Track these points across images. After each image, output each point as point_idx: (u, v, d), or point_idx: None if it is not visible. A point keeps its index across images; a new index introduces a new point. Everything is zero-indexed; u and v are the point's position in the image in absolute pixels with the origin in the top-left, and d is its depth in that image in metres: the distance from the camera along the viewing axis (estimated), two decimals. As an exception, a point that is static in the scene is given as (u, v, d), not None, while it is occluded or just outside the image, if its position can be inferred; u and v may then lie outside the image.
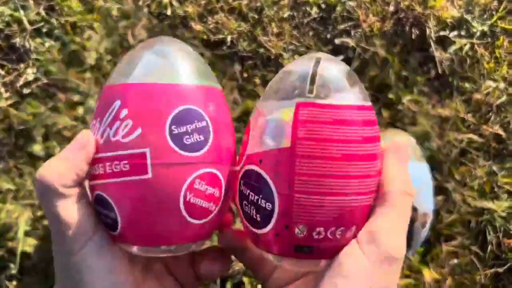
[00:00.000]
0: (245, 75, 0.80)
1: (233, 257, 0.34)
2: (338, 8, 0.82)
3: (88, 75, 0.80)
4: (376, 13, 0.81)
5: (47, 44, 0.81)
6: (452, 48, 0.79)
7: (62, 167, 0.27)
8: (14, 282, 0.72)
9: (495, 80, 0.77)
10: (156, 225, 0.27)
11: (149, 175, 0.27)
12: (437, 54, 0.79)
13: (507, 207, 0.71)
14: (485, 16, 0.81)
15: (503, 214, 0.71)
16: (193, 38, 0.81)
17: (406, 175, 0.29)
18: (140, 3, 0.83)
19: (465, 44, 0.79)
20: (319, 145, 0.27)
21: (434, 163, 0.75)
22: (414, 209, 0.65)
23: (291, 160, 0.27)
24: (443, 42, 0.80)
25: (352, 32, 0.81)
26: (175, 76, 0.29)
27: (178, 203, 0.27)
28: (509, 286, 0.70)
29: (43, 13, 0.82)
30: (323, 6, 0.83)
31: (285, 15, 0.82)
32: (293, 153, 0.27)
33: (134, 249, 0.29)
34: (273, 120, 0.29)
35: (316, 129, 0.27)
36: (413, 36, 0.80)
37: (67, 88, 0.79)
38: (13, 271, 0.72)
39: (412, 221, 0.65)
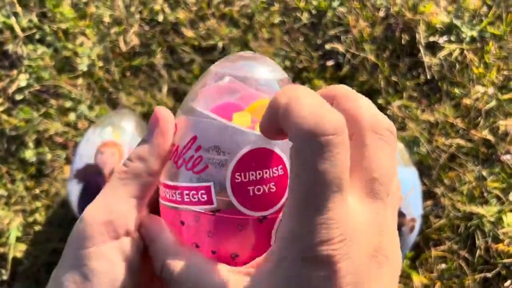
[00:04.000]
0: (236, 80, 0.81)
1: None
2: (329, 14, 0.82)
3: (80, 81, 0.80)
4: (366, 18, 0.82)
5: (39, 51, 0.81)
6: (442, 54, 0.79)
7: (143, 152, 0.27)
8: (6, 288, 0.73)
9: (484, 85, 0.78)
10: None
11: None
12: (427, 59, 0.79)
13: (496, 212, 0.72)
14: (474, 21, 0.81)
15: (492, 219, 0.72)
16: (184, 44, 0.82)
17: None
18: (132, 9, 0.84)
19: (455, 50, 0.79)
20: None
21: (423, 168, 0.75)
22: (402, 214, 0.65)
23: None
24: (432, 48, 0.80)
25: (342, 38, 0.81)
26: None
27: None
28: (498, 291, 0.70)
29: (35, 19, 0.83)
30: (313, 12, 0.83)
31: (276, 21, 0.83)
32: None
33: None
34: None
35: None
36: (403, 42, 0.80)
37: (59, 94, 0.80)
38: (4, 277, 0.72)
39: (400, 226, 0.65)
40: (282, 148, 0.25)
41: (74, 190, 0.68)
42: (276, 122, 0.22)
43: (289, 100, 0.21)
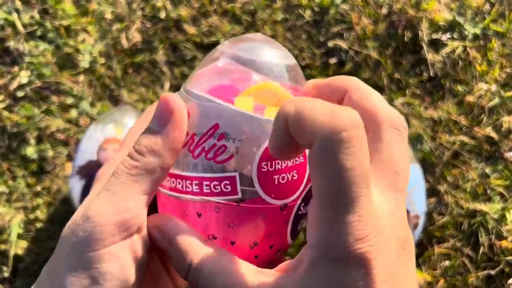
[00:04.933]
0: (238, 77, 0.80)
1: None
2: (331, 11, 0.82)
3: (81, 78, 0.80)
4: (369, 16, 0.82)
5: (41, 47, 0.81)
6: (445, 51, 0.79)
7: (156, 145, 0.25)
8: (7, 285, 0.72)
9: (487, 83, 0.78)
10: None
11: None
12: (430, 56, 0.79)
13: (499, 209, 0.72)
14: (477, 18, 0.81)
15: (495, 216, 0.71)
16: (187, 41, 0.81)
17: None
18: (134, 6, 0.84)
19: (457, 47, 0.79)
20: None
21: (426, 165, 0.75)
22: (406, 211, 0.65)
23: None
24: (435, 45, 0.80)
25: (345, 35, 0.81)
26: None
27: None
28: (501, 288, 0.70)
29: (37, 16, 0.82)
30: (316, 9, 0.83)
31: (279, 18, 0.82)
32: None
33: None
34: None
35: None
36: (406, 39, 0.80)
37: (60, 91, 0.79)
38: (6, 274, 0.72)
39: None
40: None
41: (76, 187, 0.68)
42: (287, 136, 0.21)
43: (297, 107, 0.20)
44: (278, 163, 0.25)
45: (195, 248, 0.24)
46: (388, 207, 0.22)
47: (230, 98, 0.25)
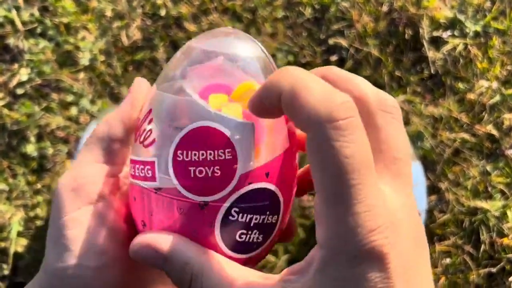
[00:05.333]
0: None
1: None
2: (332, 9, 0.82)
3: (81, 75, 0.80)
4: (370, 13, 0.82)
5: (40, 45, 0.81)
6: (445, 48, 0.79)
7: (110, 116, 0.26)
8: (7, 283, 0.72)
9: (488, 80, 0.78)
10: None
11: None
12: (430, 54, 0.79)
13: (500, 206, 0.72)
14: (478, 16, 0.81)
15: (497, 214, 0.71)
16: (187, 38, 0.81)
17: None
18: (134, 4, 0.83)
19: (458, 44, 0.79)
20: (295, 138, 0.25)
21: (427, 162, 0.75)
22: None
23: (291, 161, 0.24)
24: (436, 42, 0.80)
25: (346, 33, 0.81)
26: None
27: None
28: (502, 286, 0.70)
29: (37, 13, 0.82)
30: (317, 6, 0.83)
31: (279, 16, 0.82)
32: (292, 152, 0.24)
33: None
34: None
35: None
36: (407, 36, 0.80)
37: (60, 88, 0.79)
38: (6, 272, 0.72)
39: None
40: (234, 131, 0.23)
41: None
42: (272, 104, 0.20)
43: (294, 85, 0.20)
44: (195, 154, 0.23)
45: (194, 260, 0.23)
46: (399, 196, 0.21)
47: (206, 96, 0.24)
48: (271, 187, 0.24)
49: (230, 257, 0.24)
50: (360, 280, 0.19)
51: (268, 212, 0.24)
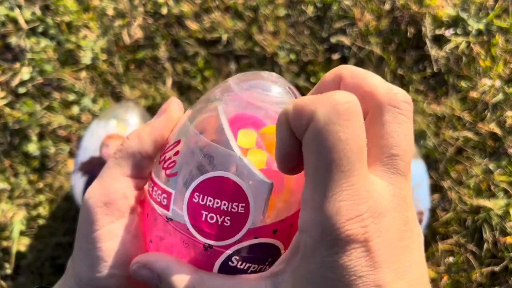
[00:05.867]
0: (241, 74, 0.80)
1: None
2: (334, 7, 0.82)
3: (83, 74, 0.80)
4: (372, 11, 0.81)
5: (42, 44, 0.80)
6: (448, 46, 0.79)
7: (143, 132, 0.27)
8: (9, 282, 0.72)
9: (491, 78, 0.77)
10: None
11: None
12: (433, 52, 0.79)
13: (503, 205, 0.71)
14: (480, 14, 0.81)
15: (499, 213, 0.71)
16: (189, 37, 0.81)
17: None
18: (136, 2, 0.83)
19: (461, 43, 0.79)
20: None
21: (430, 161, 0.75)
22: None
23: (297, 218, 0.24)
24: (439, 41, 0.80)
25: (348, 31, 0.81)
26: None
27: None
28: (505, 284, 0.69)
29: (38, 12, 0.82)
30: (319, 5, 0.82)
31: (281, 14, 0.82)
32: (298, 210, 0.24)
33: None
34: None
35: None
36: (409, 35, 0.80)
37: (62, 87, 0.79)
38: (8, 271, 0.72)
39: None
40: (252, 187, 0.23)
41: (78, 183, 0.68)
42: (289, 137, 0.21)
43: (295, 101, 0.21)
44: (210, 200, 0.23)
45: (186, 281, 0.24)
46: (390, 190, 0.21)
47: (237, 129, 0.25)
48: (277, 243, 0.24)
49: None
50: (344, 265, 0.19)
51: (267, 263, 0.25)
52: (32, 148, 0.76)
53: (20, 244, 0.73)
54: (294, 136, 0.21)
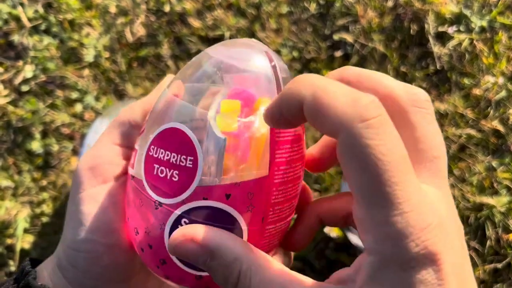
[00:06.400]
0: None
1: None
2: (337, 4, 0.82)
3: (86, 72, 0.80)
4: (375, 8, 0.81)
5: (45, 42, 0.80)
6: (451, 44, 0.79)
7: (135, 104, 0.28)
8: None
9: (494, 75, 0.77)
10: None
11: None
12: (436, 49, 0.79)
13: (506, 202, 0.71)
14: (483, 11, 0.80)
15: (502, 210, 0.71)
16: (191, 34, 0.81)
17: None
18: (138, 0, 0.83)
19: (464, 40, 0.79)
20: (291, 168, 0.24)
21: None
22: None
23: (268, 190, 0.23)
24: (442, 38, 0.79)
25: (351, 28, 0.81)
26: None
27: None
28: (508, 281, 0.69)
29: (41, 10, 0.82)
30: (321, 2, 0.82)
31: (284, 11, 0.82)
32: (271, 182, 0.23)
33: None
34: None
35: (289, 150, 0.23)
36: (412, 32, 0.80)
37: (65, 85, 0.79)
38: (12, 268, 0.72)
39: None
40: (203, 141, 0.22)
41: (82, 181, 0.68)
42: (293, 114, 0.20)
43: (316, 93, 0.19)
44: (161, 152, 0.23)
45: (242, 257, 0.21)
46: (440, 195, 0.20)
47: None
48: (231, 211, 0.22)
49: (180, 269, 0.23)
50: (415, 283, 0.18)
51: None
52: (36, 146, 0.76)
53: (24, 241, 0.73)
54: (298, 116, 0.20)
